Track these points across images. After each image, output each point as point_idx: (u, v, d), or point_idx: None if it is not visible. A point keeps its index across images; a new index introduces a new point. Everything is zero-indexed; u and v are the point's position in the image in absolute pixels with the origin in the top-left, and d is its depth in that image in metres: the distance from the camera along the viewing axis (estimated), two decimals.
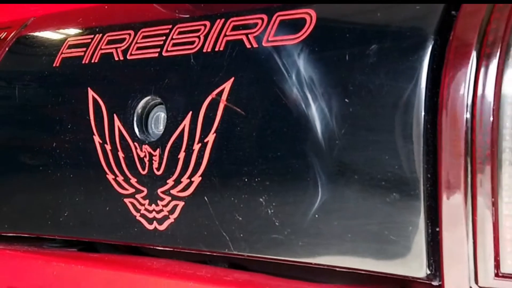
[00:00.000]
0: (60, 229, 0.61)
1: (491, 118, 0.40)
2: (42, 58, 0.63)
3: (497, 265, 0.42)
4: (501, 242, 0.41)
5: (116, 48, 0.58)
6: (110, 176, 0.56)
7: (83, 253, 0.63)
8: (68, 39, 0.62)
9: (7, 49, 0.69)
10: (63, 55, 0.61)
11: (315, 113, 0.46)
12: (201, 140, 0.51)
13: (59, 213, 0.60)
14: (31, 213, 0.62)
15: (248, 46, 0.50)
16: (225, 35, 0.52)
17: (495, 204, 0.40)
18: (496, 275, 0.42)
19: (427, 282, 0.43)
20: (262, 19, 0.50)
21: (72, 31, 0.63)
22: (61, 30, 0.64)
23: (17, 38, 0.68)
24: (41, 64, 0.63)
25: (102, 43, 0.59)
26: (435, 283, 0.44)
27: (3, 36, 0.70)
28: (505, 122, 0.40)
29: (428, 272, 0.44)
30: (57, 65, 0.62)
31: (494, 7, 0.43)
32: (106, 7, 0.63)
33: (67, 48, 0.62)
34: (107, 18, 0.61)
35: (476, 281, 0.42)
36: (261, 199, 0.49)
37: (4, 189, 0.64)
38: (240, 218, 0.50)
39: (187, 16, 0.56)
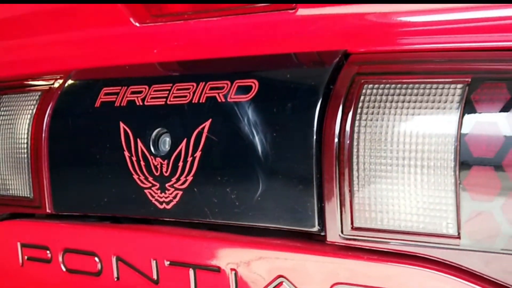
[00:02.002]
0: (102, 209, 0.94)
1: (347, 142, 0.75)
2: (87, 100, 0.96)
3: (352, 222, 0.77)
4: (353, 208, 0.76)
5: (137, 97, 0.91)
6: (135, 176, 0.90)
7: (114, 223, 0.97)
8: (104, 88, 0.96)
9: (59, 92, 1.02)
10: (101, 99, 0.95)
11: (257, 140, 0.80)
12: (192, 155, 0.85)
13: (102, 199, 0.93)
14: (83, 199, 0.96)
15: (219, 100, 0.84)
16: (205, 93, 0.86)
17: (350, 186, 0.75)
18: (352, 228, 0.77)
19: (317, 233, 0.78)
20: (227, 84, 0.84)
21: (106, 82, 0.96)
22: (98, 81, 0.97)
23: (66, 84, 1.01)
24: (86, 104, 0.96)
25: (128, 93, 0.92)
26: (322, 233, 0.79)
27: (56, 83, 1.03)
28: (354, 145, 0.74)
29: (318, 227, 0.79)
30: (98, 105, 0.95)
31: (355, 78, 0.77)
32: (127, 67, 0.97)
33: (104, 95, 0.95)
34: (130, 75, 0.95)
35: (342, 231, 0.77)
36: (227, 189, 0.83)
37: (65, 185, 0.98)
38: (216, 200, 0.84)
39: (183, 77, 0.90)
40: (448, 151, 0.68)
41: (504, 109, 0.66)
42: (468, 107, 0.68)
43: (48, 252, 0.99)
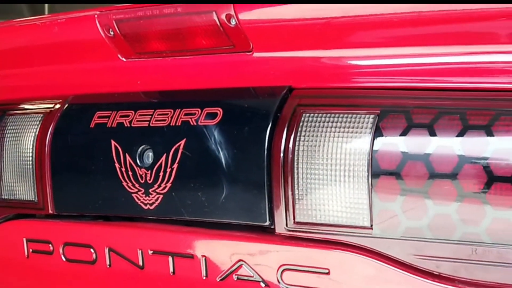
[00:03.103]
0: (97, 210, 1.16)
1: (290, 156, 0.98)
2: (83, 121, 1.17)
3: (294, 217, 1.00)
4: (295, 207, 0.99)
5: (125, 119, 1.13)
6: (124, 183, 1.12)
7: (106, 221, 1.19)
8: (97, 112, 1.17)
9: (59, 114, 1.24)
10: (95, 121, 1.16)
11: (222, 155, 1.03)
12: (170, 166, 1.08)
13: (97, 201, 1.15)
14: (80, 202, 1.18)
15: (192, 124, 1.07)
16: (181, 117, 1.08)
17: (292, 190, 0.98)
18: (294, 222, 1.01)
19: (268, 226, 1.02)
20: (198, 111, 1.07)
21: (99, 107, 1.18)
22: (93, 106, 1.19)
23: (65, 108, 1.23)
24: (83, 125, 1.17)
25: (117, 116, 1.15)
26: (272, 227, 1.02)
27: (54, 107, 1.24)
28: (295, 159, 0.98)
29: (269, 222, 1.02)
30: (93, 126, 1.17)
31: (296, 108, 1.00)
32: (116, 94, 1.19)
33: (98, 117, 1.17)
34: (119, 101, 1.17)
35: (286, 225, 1.01)
36: (199, 193, 1.06)
37: (65, 190, 1.19)
38: (189, 202, 1.06)
39: (162, 104, 1.12)
40: (363, 164, 0.92)
41: (403, 134, 0.91)
42: (377, 132, 0.92)
43: (50, 245, 1.21)
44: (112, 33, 1.14)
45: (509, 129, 0.86)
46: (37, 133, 1.21)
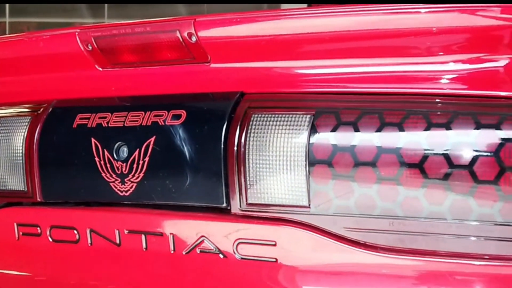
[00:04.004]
0: (79, 197, 1.35)
1: (242, 149, 1.19)
2: (67, 122, 1.36)
3: (246, 199, 1.20)
4: (247, 191, 1.19)
5: (103, 120, 1.33)
6: (103, 174, 1.31)
7: (88, 207, 1.38)
8: (79, 114, 1.37)
9: (44, 116, 1.42)
10: (77, 122, 1.35)
11: (186, 150, 1.23)
12: (143, 159, 1.27)
13: (79, 190, 1.34)
14: (65, 191, 1.36)
15: (160, 124, 1.26)
16: (151, 118, 1.28)
17: (244, 177, 1.18)
18: (247, 203, 1.21)
19: (225, 207, 1.22)
20: (165, 113, 1.27)
21: (80, 110, 1.37)
22: (75, 109, 1.38)
23: (50, 111, 1.41)
24: (66, 125, 1.36)
25: (96, 118, 1.34)
26: (228, 208, 1.22)
27: (41, 110, 1.43)
28: (246, 152, 1.18)
29: (225, 204, 1.23)
30: (75, 126, 1.36)
31: (247, 110, 1.21)
32: (95, 99, 1.38)
33: (79, 119, 1.36)
34: (98, 104, 1.36)
35: (240, 206, 1.21)
36: (167, 181, 1.26)
37: (51, 181, 1.38)
38: (159, 189, 1.26)
39: (135, 107, 1.31)
40: (302, 155, 1.14)
41: (333, 130, 1.12)
42: (313, 129, 1.13)
43: (38, 228, 1.39)
44: (90, 47, 1.33)
45: (416, 125, 1.08)
46: (26, 132, 1.40)
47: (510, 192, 1.01)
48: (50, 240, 1.38)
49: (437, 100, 1.08)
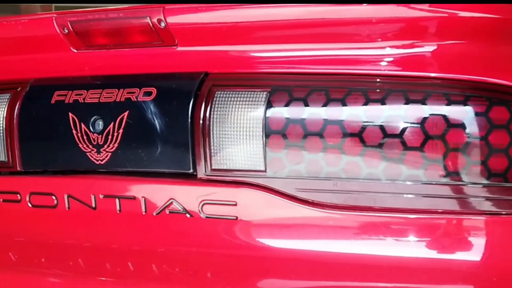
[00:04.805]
0: (58, 166, 1.50)
1: (207, 122, 1.36)
2: (45, 99, 1.51)
3: (211, 165, 1.37)
4: (211, 158, 1.37)
5: (80, 97, 1.47)
6: (80, 145, 1.46)
7: (65, 175, 1.53)
8: (56, 91, 1.51)
9: (23, 94, 1.56)
10: (55, 98, 1.50)
11: (156, 123, 1.40)
12: (117, 131, 1.43)
13: (58, 160, 1.49)
14: (44, 160, 1.51)
15: (133, 100, 1.42)
16: (124, 95, 1.43)
17: (209, 146, 1.36)
18: (211, 169, 1.38)
19: (192, 173, 1.39)
20: (137, 90, 1.43)
21: (58, 87, 1.51)
22: (52, 87, 1.52)
23: (29, 88, 1.55)
24: (45, 102, 1.51)
25: (73, 94, 1.48)
26: (194, 173, 1.39)
27: (21, 87, 1.57)
28: (210, 124, 1.36)
29: (192, 170, 1.40)
30: (53, 102, 1.50)
31: (211, 87, 1.38)
32: (70, 78, 1.52)
33: (57, 95, 1.50)
34: (74, 83, 1.51)
35: (205, 171, 1.38)
36: (139, 151, 1.41)
37: (31, 152, 1.52)
38: (132, 157, 1.42)
39: (109, 85, 1.47)
40: (259, 127, 1.31)
41: (286, 105, 1.30)
42: (268, 104, 1.31)
43: (18, 195, 1.54)
44: (66, 30, 1.48)
45: (356, 101, 1.27)
46: (6, 108, 1.53)
47: (433, 157, 1.21)
48: (30, 205, 1.53)
49: (374, 80, 1.28)
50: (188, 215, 1.38)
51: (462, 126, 1.20)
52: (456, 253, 1.23)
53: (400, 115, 1.23)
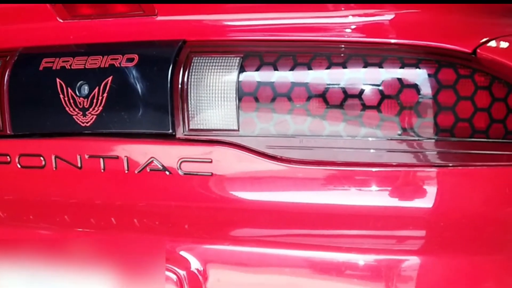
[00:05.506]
0: (46, 129, 1.61)
1: (185, 87, 1.48)
2: (34, 66, 1.62)
3: (188, 126, 1.49)
4: (189, 119, 1.48)
5: (66, 63, 1.58)
6: (67, 109, 1.57)
7: (53, 137, 1.64)
8: (44, 58, 1.62)
9: (13, 61, 1.67)
10: (44, 65, 1.61)
11: (138, 87, 1.51)
12: (101, 95, 1.54)
13: (45, 123, 1.60)
14: (33, 124, 1.62)
15: (116, 66, 1.53)
16: (108, 61, 1.54)
17: (187, 108, 1.48)
18: (189, 129, 1.50)
19: (171, 133, 1.51)
20: (121, 57, 1.54)
21: (46, 55, 1.62)
22: (40, 54, 1.63)
23: (17, 57, 1.66)
24: (34, 68, 1.61)
25: (60, 61, 1.59)
26: (174, 133, 1.50)
27: (10, 55, 1.67)
28: (188, 88, 1.47)
29: (171, 130, 1.51)
30: (41, 69, 1.61)
31: (189, 54, 1.50)
32: (57, 46, 1.63)
33: (45, 62, 1.61)
34: (60, 50, 1.61)
35: (183, 131, 1.50)
36: (122, 113, 1.53)
37: (21, 116, 1.63)
38: (115, 119, 1.53)
39: (94, 52, 1.58)
40: (232, 89, 1.43)
41: (257, 69, 1.42)
42: (241, 68, 1.43)
43: (8, 157, 1.64)
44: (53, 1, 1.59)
45: (321, 64, 1.39)
46: None
47: (389, 114, 1.34)
48: (19, 166, 1.64)
49: (338, 46, 1.40)
50: (167, 172, 1.50)
51: (414, 86, 1.33)
52: (410, 201, 1.37)
53: (359, 77, 1.36)
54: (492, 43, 1.38)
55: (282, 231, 1.45)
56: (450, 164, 1.33)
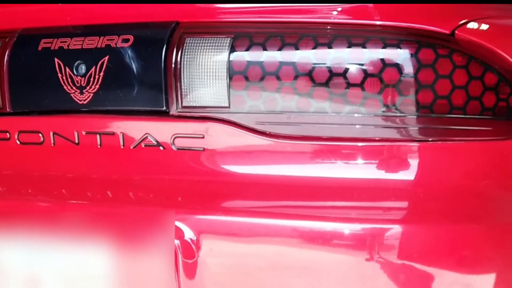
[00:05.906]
0: (44, 107, 1.67)
1: (178, 66, 1.55)
2: (33, 46, 1.68)
3: (181, 103, 1.56)
4: (182, 97, 1.56)
5: (64, 44, 1.65)
6: (65, 87, 1.64)
7: (51, 114, 1.71)
8: (43, 39, 1.68)
9: (12, 42, 1.73)
10: (42, 45, 1.67)
11: (134, 66, 1.58)
12: (98, 74, 1.61)
13: (44, 101, 1.67)
14: (32, 102, 1.69)
15: (113, 46, 1.59)
16: (104, 42, 1.61)
17: (180, 86, 1.55)
18: (181, 106, 1.57)
19: (165, 110, 1.58)
20: (116, 37, 1.61)
21: (44, 36, 1.68)
22: (39, 35, 1.69)
23: (16, 38, 1.72)
24: (33, 49, 1.68)
25: (58, 42, 1.66)
26: (167, 110, 1.57)
27: (9, 36, 1.74)
28: (181, 68, 1.55)
29: (165, 107, 1.58)
30: (40, 49, 1.67)
31: (182, 34, 1.57)
32: (55, 27, 1.70)
33: (43, 43, 1.68)
34: (58, 31, 1.68)
35: (177, 108, 1.57)
36: (118, 91, 1.60)
37: (20, 94, 1.69)
38: (111, 97, 1.60)
39: (91, 33, 1.64)
40: (224, 69, 1.50)
41: (247, 49, 1.50)
42: (232, 48, 1.50)
43: (7, 134, 1.71)
44: None
45: (307, 44, 1.47)
46: None
47: (372, 91, 1.42)
48: (18, 143, 1.71)
49: (323, 27, 1.48)
50: (161, 148, 1.57)
51: (396, 65, 1.41)
52: (393, 174, 1.45)
53: (344, 56, 1.43)
54: (470, 25, 1.46)
55: (271, 203, 1.53)
56: (430, 139, 1.41)
